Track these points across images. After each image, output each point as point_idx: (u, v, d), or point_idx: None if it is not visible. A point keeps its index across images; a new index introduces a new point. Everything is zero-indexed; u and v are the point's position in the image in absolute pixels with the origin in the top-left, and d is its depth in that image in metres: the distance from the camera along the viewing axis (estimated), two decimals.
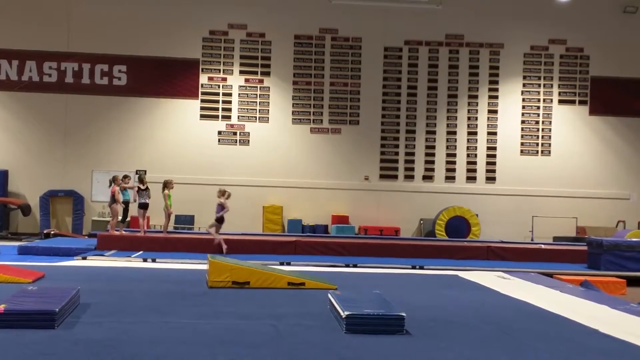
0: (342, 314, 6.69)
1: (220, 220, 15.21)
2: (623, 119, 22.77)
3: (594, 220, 22.02)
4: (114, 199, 15.98)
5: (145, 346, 5.75)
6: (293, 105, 22.31)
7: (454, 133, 22.58)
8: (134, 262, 13.44)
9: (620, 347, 6.36)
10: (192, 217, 21.43)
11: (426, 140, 22.55)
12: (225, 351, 5.66)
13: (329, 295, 7.73)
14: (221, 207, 15.18)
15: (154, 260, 13.61)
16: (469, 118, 22.61)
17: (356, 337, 6.33)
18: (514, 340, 6.56)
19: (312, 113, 22.33)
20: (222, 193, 15.29)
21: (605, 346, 6.38)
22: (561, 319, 7.79)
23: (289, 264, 13.56)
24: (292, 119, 22.29)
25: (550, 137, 22.69)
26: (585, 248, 15.28)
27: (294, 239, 16.14)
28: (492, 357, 5.81)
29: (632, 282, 13.23)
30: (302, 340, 6.19)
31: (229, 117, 22.11)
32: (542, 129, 22.71)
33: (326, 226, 21.71)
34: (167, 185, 15.94)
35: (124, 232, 16.27)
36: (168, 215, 16.25)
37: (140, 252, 14.71)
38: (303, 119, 22.31)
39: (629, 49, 22.62)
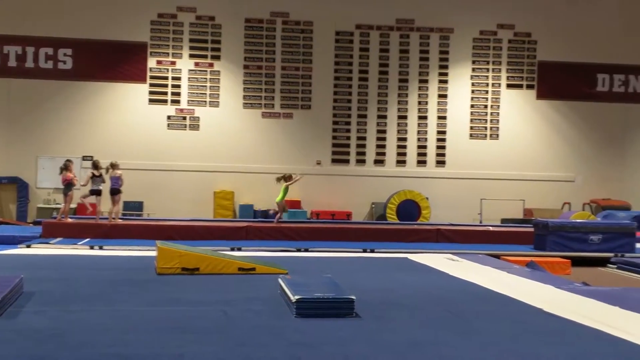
0: (292, 298, 6.69)
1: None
2: (569, 103, 23.19)
3: (540, 202, 22.45)
4: (69, 187, 15.57)
5: (92, 334, 5.65)
6: (244, 90, 22.15)
7: (405, 117, 22.71)
8: (81, 249, 13.19)
9: (564, 325, 6.50)
10: (141, 203, 21.16)
11: (377, 124, 22.65)
12: (174, 338, 5.61)
13: (279, 280, 7.73)
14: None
15: (101, 248, 13.39)
16: (419, 102, 22.77)
17: (306, 321, 6.34)
18: (462, 321, 6.65)
19: (263, 97, 22.21)
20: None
21: (550, 325, 6.51)
22: (508, 299, 7.92)
23: (239, 249, 13.50)
24: (243, 103, 22.14)
25: (498, 121, 23.00)
26: (531, 229, 15.56)
27: (245, 224, 16.04)
28: (440, 338, 5.87)
29: (577, 262, 13.54)
30: (252, 325, 6.17)
31: (178, 102, 21.85)
32: (491, 113, 23.00)
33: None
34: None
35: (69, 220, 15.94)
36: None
37: (87, 239, 14.47)
38: (254, 104, 22.18)
39: (575, 34, 23.00)
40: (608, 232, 14.72)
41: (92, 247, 13.41)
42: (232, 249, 13.33)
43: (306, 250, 13.81)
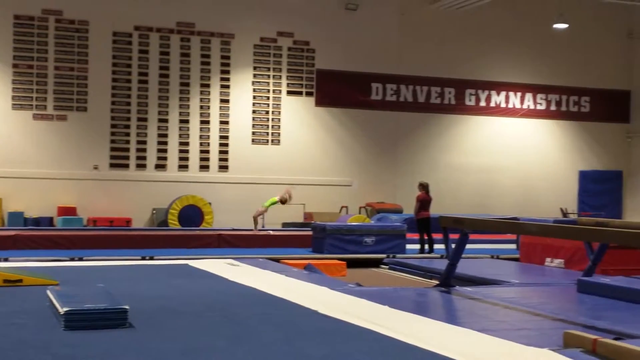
0: (60, 310, 6.38)
1: None
2: (345, 110, 24.23)
3: (320, 206, 23.22)
4: None
5: None
6: (13, 90, 20.67)
7: (187, 121, 22.47)
8: None
9: (336, 325, 6.73)
10: None
11: (159, 128, 22.18)
12: None
13: (48, 292, 7.33)
14: None
15: None
16: (201, 107, 22.63)
17: (76, 334, 6.02)
18: (238, 325, 6.66)
19: (34, 99, 20.89)
20: None
21: (323, 325, 6.72)
22: (285, 302, 8.07)
23: (6, 259, 12.59)
24: (12, 104, 20.66)
25: (279, 126, 23.47)
26: (311, 233, 16.06)
27: (13, 232, 15.02)
28: (215, 343, 5.85)
29: (352, 263, 14.18)
30: (15, 341, 5.76)
31: None
32: (272, 119, 23.43)
33: (51, 218, 20.48)
34: None
35: None
36: None
37: None
38: (25, 105, 20.78)
39: (351, 44, 24.06)
40: (381, 234, 15.58)
41: None
42: None
43: (80, 259, 13.22)
